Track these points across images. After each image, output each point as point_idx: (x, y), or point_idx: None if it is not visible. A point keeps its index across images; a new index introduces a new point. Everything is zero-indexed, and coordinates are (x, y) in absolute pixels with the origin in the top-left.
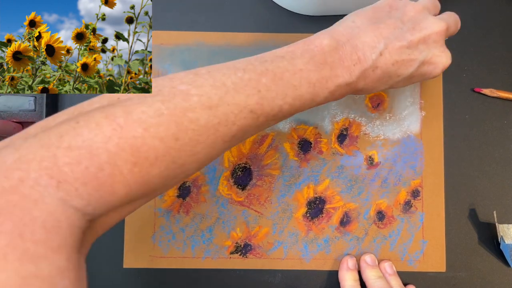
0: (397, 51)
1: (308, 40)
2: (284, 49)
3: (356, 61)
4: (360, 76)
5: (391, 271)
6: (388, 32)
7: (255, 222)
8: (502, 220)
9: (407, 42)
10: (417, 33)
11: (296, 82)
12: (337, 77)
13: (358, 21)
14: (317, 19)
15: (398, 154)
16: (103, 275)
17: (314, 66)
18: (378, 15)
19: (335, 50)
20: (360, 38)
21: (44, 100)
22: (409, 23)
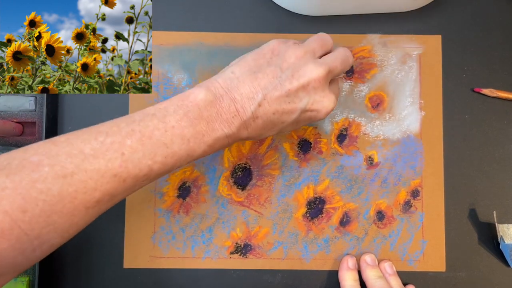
0: (276, 101)
1: (183, 95)
2: (156, 106)
3: (235, 114)
4: (241, 127)
5: (391, 271)
6: (267, 81)
7: (255, 222)
8: (502, 220)
9: (286, 91)
10: (295, 81)
11: (167, 140)
12: (215, 131)
13: (237, 71)
14: (317, 19)
15: (398, 154)
16: (103, 275)
17: (188, 122)
18: (259, 62)
19: (211, 104)
20: (238, 89)
21: (44, 100)
22: (288, 70)
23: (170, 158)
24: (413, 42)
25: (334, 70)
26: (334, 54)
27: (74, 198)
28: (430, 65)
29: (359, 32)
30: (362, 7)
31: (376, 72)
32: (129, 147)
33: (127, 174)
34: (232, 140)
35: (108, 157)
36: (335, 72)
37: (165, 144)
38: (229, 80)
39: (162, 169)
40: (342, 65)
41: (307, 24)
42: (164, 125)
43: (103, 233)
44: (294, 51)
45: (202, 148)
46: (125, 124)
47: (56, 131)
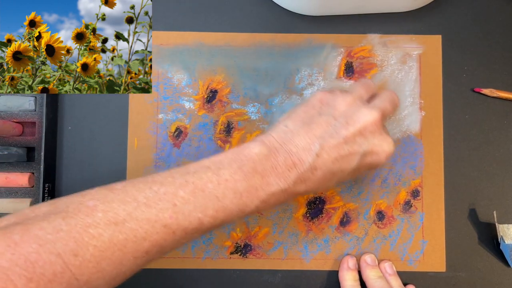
0: (335, 149)
1: (239, 149)
2: (211, 159)
3: (291, 166)
4: (297, 180)
5: (391, 271)
6: (322, 131)
7: (255, 222)
8: (502, 220)
9: (343, 138)
10: (351, 127)
11: (219, 193)
12: (270, 185)
13: (290, 124)
14: (317, 19)
15: (398, 154)
16: None
17: (242, 176)
18: (310, 114)
19: (266, 157)
20: (293, 142)
21: (44, 100)
22: (341, 118)
23: (221, 212)
24: (413, 42)
25: (385, 112)
26: (382, 97)
27: (124, 246)
28: (430, 65)
29: (359, 32)
30: (362, 7)
31: (376, 72)
32: (181, 198)
33: (177, 225)
34: (288, 195)
35: (160, 206)
36: (386, 114)
37: (217, 198)
38: (283, 134)
39: (212, 223)
40: (392, 107)
41: (307, 24)
42: (217, 178)
43: None
44: (343, 98)
45: (255, 203)
46: (180, 175)
47: (56, 131)
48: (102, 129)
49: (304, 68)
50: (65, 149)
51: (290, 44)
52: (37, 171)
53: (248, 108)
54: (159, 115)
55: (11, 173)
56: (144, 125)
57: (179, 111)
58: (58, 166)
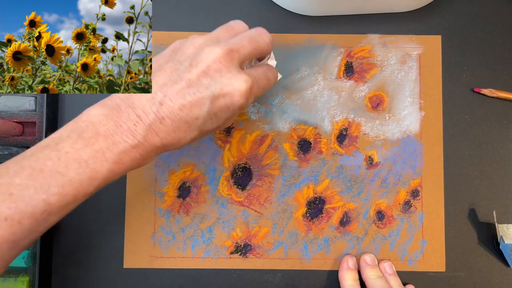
0: (179, 95)
1: (77, 117)
2: (51, 136)
3: (136, 121)
4: (148, 133)
5: (391, 271)
6: (165, 78)
7: (255, 222)
8: (501, 220)
9: (186, 82)
10: (194, 69)
11: (61, 168)
12: (117, 144)
13: None
14: (317, 19)
15: (398, 154)
16: (103, 275)
17: (84, 143)
18: (158, 63)
19: (107, 117)
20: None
21: (44, 100)
22: (186, 61)
23: (68, 186)
24: (413, 42)
25: (241, 49)
26: (240, 35)
27: None
28: (430, 65)
29: (359, 32)
30: (362, 7)
31: (376, 72)
32: (18, 186)
33: (20, 214)
34: (144, 151)
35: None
36: (242, 51)
37: (59, 173)
38: None
39: (63, 200)
40: (252, 44)
41: (307, 24)
42: (57, 153)
43: (103, 233)
44: (192, 41)
45: (106, 167)
46: (14, 163)
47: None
48: None
49: (304, 68)
50: None
51: (290, 44)
52: None
53: (248, 108)
54: None
55: None
56: None
57: None
58: None
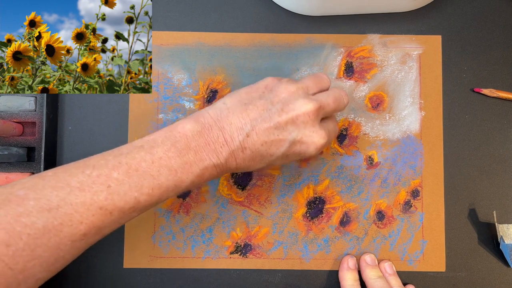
0: (265, 132)
1: (171, 126)
2: (145, 138)
3: (223, 143)
4: (229, 157)
5: (391, 271)
6: (256, 113)
7: (255, 222)
8: (502, 220)
9: (274, 123)
10: (284, 114)
11: (154, 172)
12: (203, 161)
13: (229, 102)
14: (317, 19)
15: (398, 154)
16: (103, 275)
17: (176, 153)
18: (251, 96)
19: (199, 133)
20: (227, 119)
21: (44, 100)
22: (278, 104)
23: (157, 189)
24: (413, 42)
25: (326, 107)
26: (327, 92)
27: (60, 231)
28: (430, 65)
29: (359, 32)
30: (362, 7)
31: (376, 72)
32: (115, 180)
33: (113, 206)
34: (221, 170)
35: (94, 189)
36: (326, 109)
37: (152, 176)
38: (219, 111)
39: (149, 201)
40: (335, 104)
41: (307, 24)
42: (151, 157)
43: None
44: (286, 86)
45: (190, 178)
46: (112, 157)
47: (56, 131)
48: (102, 129)
49: (304, 68)
50: (65, 149)
51: (290, 44)
52: (37, 171)
53: None
54: (159, 115)
55: (11, 173)
56: (144, 125)
57: (179, 111)
58: (58, 166)
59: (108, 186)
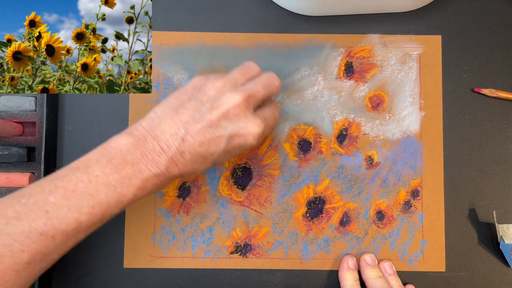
0: (199, 133)
1: (106, 144)
2: (80, 159)
3: (160, 152)
4: (169, 164)
5: (391, 270)
6: (188, 116)
7: (255, 222)
8: (501, 220)
9: (207, 122)
10: (215, 111)
11: (92, 191)
12: (142, 172)
13: (159, 111)
14: (317, 19)
15: (398, 154)
16: (103, 275)
17: (113, 169)
18: (180, 99)
19: (134, 146)
20: (160, 127)
21: (44, 100)
22: (208, 103)
23: (97, 207)
24: (413, 42)
25: (256, 94)
26: (255, 80)
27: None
28: (430, 65)
29: (359, 32)
30: (362, 7)
31: (376, 72)
32: (53, 204)
33: (54, 230)
34: (164, 179)
35: (32, 217)
36: (257, 96)
37: (90, 195)
38: (151, 121)
39: (92, 220)
40: (265, 89)
41: (307, 24)
42: (87, 176)
43: (103, 233)
44: (213, 83)
45: (132, 191)
46: (48, 182)
47: (56, 131)
48: (102, 129)
49: (304, 68)
50: (65, 149)
51: (290, 44)
52: (37, 171)
53: None
54: None
55: (11, 173)
56: None
57: None
58: (58, 166)
59: (46, 211)
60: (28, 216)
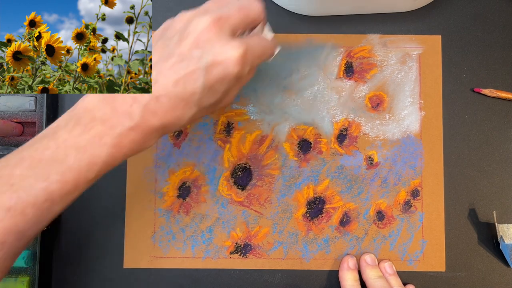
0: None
1: (73, 106)
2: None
3: (131, 102)
4: (144, 114)
5: (391, 271)
6: (157, 56)
7: (255, 222)
8: (501, 220)
9: (177, 56)
10: (183, 42)
11: (60, 156)
12: (113, 128)
13: None
14: (317, 19)
15: (398, 154)
16: (103, 275)
17: (81, 130)
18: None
19: (103, 101)
20: None
21: (44, 100)
22: (175, 36)
23: (68, 173)
24: (413, 42)
25: (229, 17)
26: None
27: None
28: (430, 65)
29: (359, 32)
30: (362, 7)
31: (376, 72)
32: (18, 176)
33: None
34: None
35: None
36: (231, 20)
37: (59, 161)
38: None
39: (64, 188)
40: (241, 12)
41: (307, 24)
42: (55, 142)
43: (103, 233)
44: (180, 17)
45: (105, 151)
46: (14, 154)
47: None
48: None
49: (304, 68)
50: None
51: (290, 44)
52: None
53: (248, 108)
54: None
55: None
56: None
57: None
58: None
59: (11, 184)
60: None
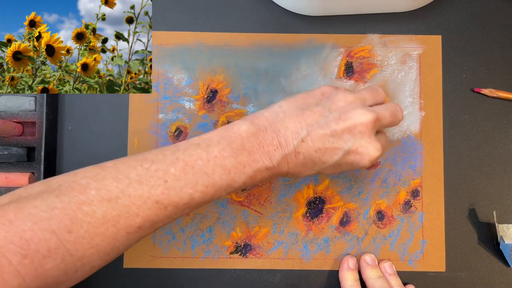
0: (320, 139)
1: (227, 126)
2: (202, 136)
3: (277, 146)
4: (282, 161)
5: (391, 270)
6: (313, 119)
7: (255, 222)
8: (502, 220)
9: (331, 131)
10: (341, 122)
11: (208, 170)
12: (256, 162)
13: (285, 106)
14: (317, 19)
15: (398, 154)
16: (103, 275)
17: (231, 153)
18: (308, 101)
19: (254, 135)
20: (283, 123)
21: (44, 100)
22: (335, 112)
23: (211, 187)
24: (413, 42)
25: (383, 119)
26: (385, 105)
27: (117, 222)
28: (430, 65)
29: (359, 32)
30: (362, 7)
31: (376, 72)
32: (172, 175)
33: (168, 201)
34: (272, 173)
35: (152, 183)
36: (383, 122)
37: (206, 174)
38: (275, 114)
39: (203, 198)
40: (391, 117)
41: (307, 24)
42: (206, 155)
43: None
44: (344, 95)
45: (243, 179)
46: (170, 152)
47: (56, 131)
48: (102, 129)
49: (304, 68)
50: (65, 149)
51: (290, 44)
52: (37, 171)
53: (248, 108)
54: (159, 115)
55: (11, 173)
56: (144, 125)
57: (179, 111)
58: (58, 166)
59: (165, 181)
60: (149, 182)
